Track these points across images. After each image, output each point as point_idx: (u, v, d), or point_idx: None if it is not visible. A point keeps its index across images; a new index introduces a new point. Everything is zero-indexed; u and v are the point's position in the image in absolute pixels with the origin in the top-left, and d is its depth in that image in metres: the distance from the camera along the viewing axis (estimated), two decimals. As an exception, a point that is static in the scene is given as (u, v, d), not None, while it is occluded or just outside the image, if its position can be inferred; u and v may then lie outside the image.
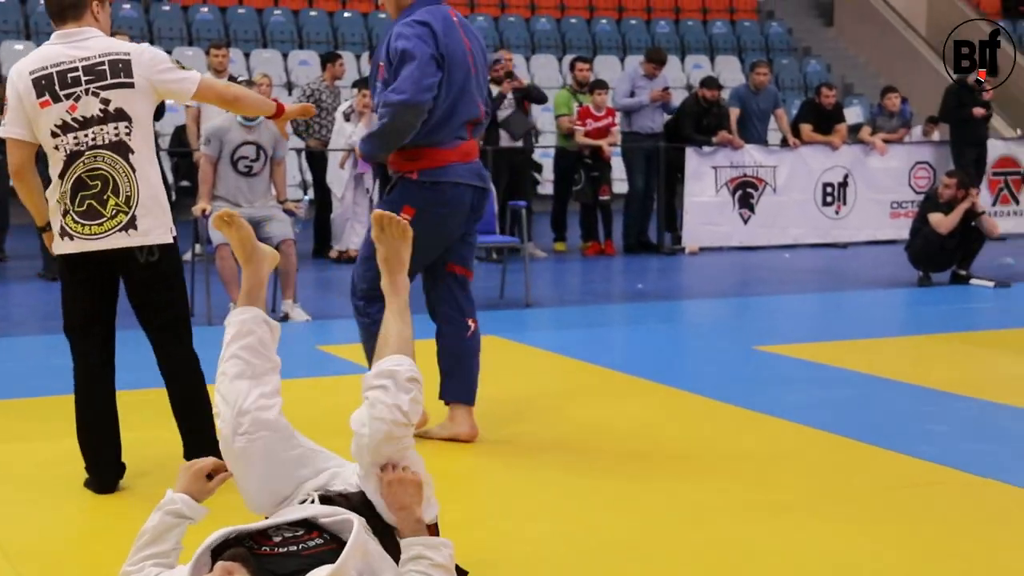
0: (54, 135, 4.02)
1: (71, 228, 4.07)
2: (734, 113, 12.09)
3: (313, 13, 17.28)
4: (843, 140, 12.61)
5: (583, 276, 10.65)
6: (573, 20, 18.97)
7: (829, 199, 12.51)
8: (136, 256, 4.11)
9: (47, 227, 4.17)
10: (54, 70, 4.02)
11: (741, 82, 14.13)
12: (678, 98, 12.90)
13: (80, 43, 4.07)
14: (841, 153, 12.51)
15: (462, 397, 4.90)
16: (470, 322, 4.91)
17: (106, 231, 4.06)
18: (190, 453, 4.03)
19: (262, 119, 7.77)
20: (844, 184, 12.54)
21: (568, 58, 17.62)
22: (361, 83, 11.16)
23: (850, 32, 20.44)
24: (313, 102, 10.80)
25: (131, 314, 4.28)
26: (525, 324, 8.12)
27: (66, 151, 4.03)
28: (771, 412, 5.38)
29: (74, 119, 4.02)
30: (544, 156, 13.22)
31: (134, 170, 4.07)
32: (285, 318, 7.77)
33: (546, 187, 13.52)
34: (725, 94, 12.69)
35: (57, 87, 4.01)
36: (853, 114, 15.60)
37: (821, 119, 12.55)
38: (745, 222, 12.13)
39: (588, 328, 7.97)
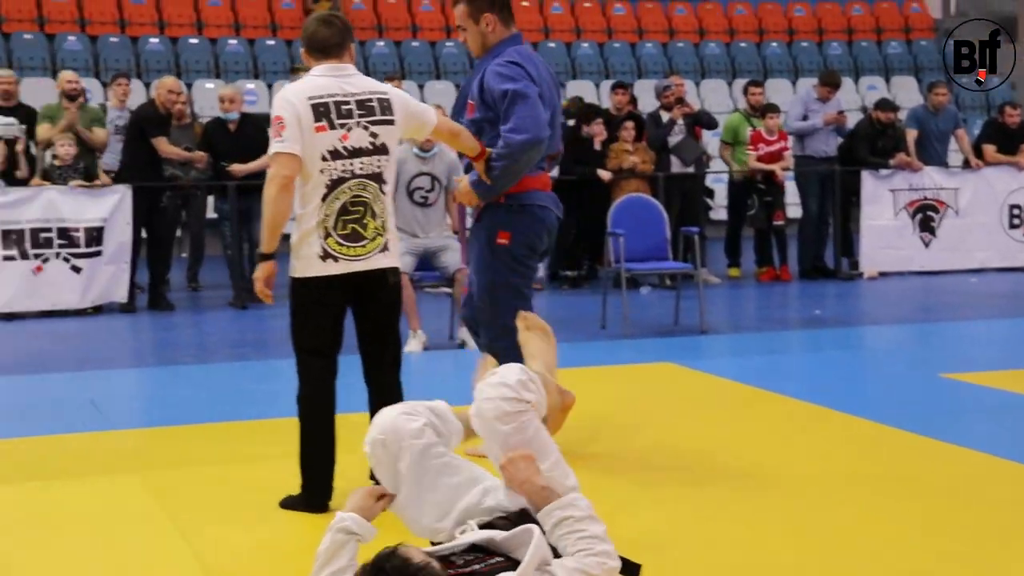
0: (323, 159, 4.23)
1: (335, 250, 4.26)
2: (911, 135, 11.79)
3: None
4: (1029, 160, 12.15)
5: (758, 302, 10.53)
6: (743, 44, 18.82)
7: (1016, 221, 12.06)
8: (388, 277, 4.36)
9: (273, 255, 4.31)
10: (330, 100, 4.26)
11: (918, 103, 13.78)
12: (852, 120, 12.65)
13: (348, 79, 4.34)
14: (1028, 174, 12.06)
15: None
16: None
17: (368, 252, 4.31)
18: None
19: (437, 150, 7.96)
20: (1032, 206, 12.08)
21: (739, 82, 17.53)
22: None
23: (1034, 48, 19.72)
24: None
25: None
26: (700, 351, 8.08)
27: (330, 176, 4.23)
28: (960, 442, 5.22)
29: (344, 148, 4.26)
30: (716, 182, 13.13)
31: (384, 199, 4.35)
32: (462, 345, 7.91)
33: (718, 212, 13.42)
34: (902, 115, 12.39)
35: (333, 116, 4.25)
36: (1039, 133, 15.02)
37: (1005, 139, 12.13)
38: (926, 246, 11.80)
39: (764, 355, 7.88)
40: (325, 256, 4.25)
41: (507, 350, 4.55)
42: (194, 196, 10.78)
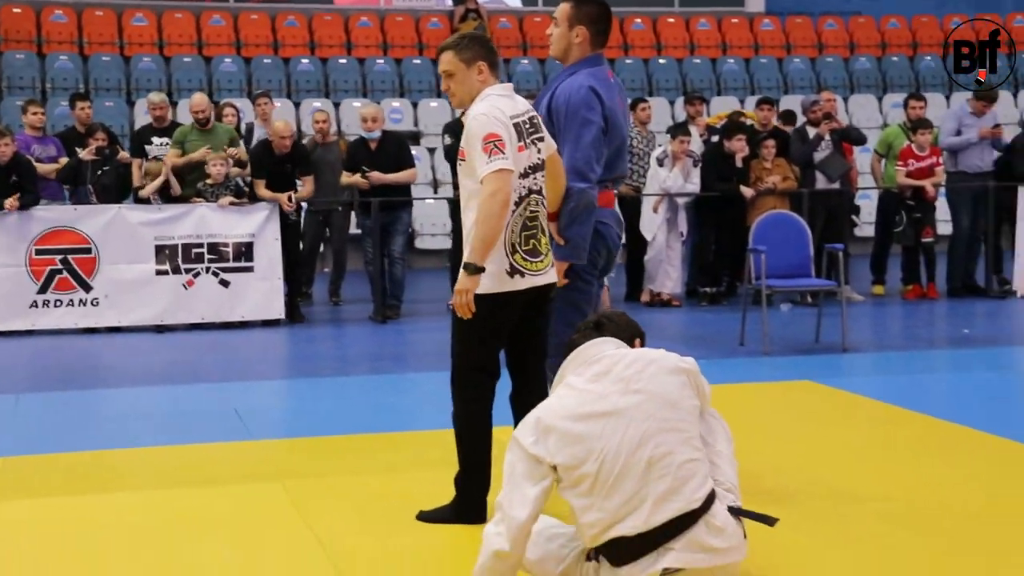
0: (520, 176, 4.31)
1: (522, 265, 4.33)
2: (1073, 149, 11.35)
3: (628, 61, 17.55)
4: None
5: (904, 320, 10.25)
6: (895, 58, 18.38)
7: None
8: (552, 290, 4.47)
9: (482, 269, 4.23)
10: (519, 120, 4.36)
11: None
12: (1009, 134, 12.24)
13: (515, 98, 4.44)
14: None
15: None
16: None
17: (545, 267, 4.41)
18: None
19: None
20: None
21: (890, 97, 17.13)
22: (676, 128, 11.23)
23: None
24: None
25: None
26: (842, 369, 7.91)
27: (519, 194, 4.31)
28: (1114, 468, 5.01)
29: (529, 165, 4.36)
30: (863, 198, 12.84)
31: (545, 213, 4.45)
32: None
33: (864, 229, 13.12)
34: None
35: (524, 135, 4.36)
36: None
37: None
38: (1086, 265, 11.33)
39: (910, 374, 7.67)
40: (513, 272, 4.30)
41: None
42: (336, 212, 11.03)
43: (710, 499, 3.41)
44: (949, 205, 11.49)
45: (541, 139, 4.43)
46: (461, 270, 4.22)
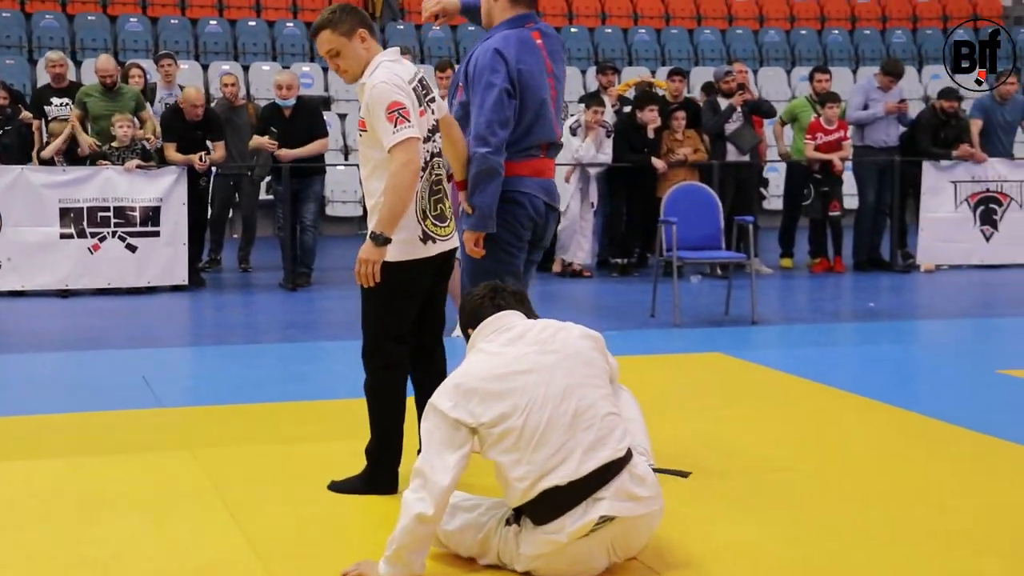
0: (424, 141, 4.24)
1: (432, 231, 4.30)
2: (976, 125, 11.60)
3: (574, 30, 17.50)
4: (1098, 152, 11.93)
5: (811, 293, 10.42)
6: (803, 31, 18.60)
7: (1083, 215, 11.84)
8: (455, 255, 4.45)
9: (389, 240, 4.16)
10: (414, 84, 4.28)
11: (984, 92, 13.54)
12: (914, 110, 12.47)
13: (403, 61, 4.35)
14: (1096, 165, 11.83)
15: None
16: None
17: (451, 232, 4.39)
18: None
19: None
20: (1099, 198, 11.85)
21: (798, 70, 17.34)
22: (589, 98, 11.25)
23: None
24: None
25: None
26: (751, 342, 8.01)
27: (423, 159, 4.24)
28: (1016, 439, 5.14)
29: (429, 129, 4.31)
30: (771, 170, 12.99)
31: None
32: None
33: (773, 202, 13.30)
34: (966, 105, 12.19)
35: (422, 99, 4.30)
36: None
37: (1072, 131, 11.91)
38: (987, 239, 11.62)
39: (816, 347, 7.80)
40: (425, 238, 4.28)
41: None
42: (245, 178, 10.87)
43: (630, 451, 3.49)
44: (855, 179, 11.68)
45: (433, 100, 4.39)
46: (367, 239, 4.16)
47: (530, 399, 3.43)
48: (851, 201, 12.12)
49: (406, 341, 4.37)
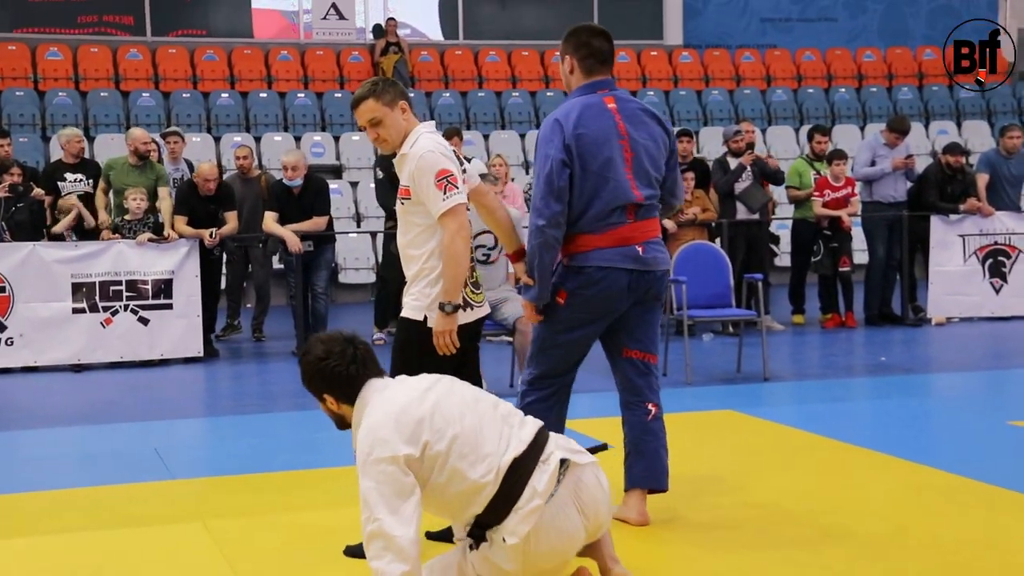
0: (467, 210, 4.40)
1: (470, 298, 4.43)
2: (982, 179, 11.64)
3: (550, 94, 17.68)
4: (1105, 204, 11.94)
5: (823, 349, 10.40)
6: (811, 90, 18.74)
7: (1088, 267, 11.83)
8: (482, 322, 4.56)
9: (459, 306, 4.32)
10: (453, 152, 4.44)
11: (991, 147, 13.60)
12: (921, 165, 12.52)
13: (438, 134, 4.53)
14: (1104, 218, 11.84)
15: (637, 482, 4.80)
16: (650, 406, 4.80)
17: (484, 299, 4.53)
18: None
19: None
20: (1106, 250, 11.85)
21: (807, 128, 17.43)
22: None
23: (1111, 91, 19.38)
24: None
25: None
26: (763, 398, 8.00)
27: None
28: (1027, 491, 5.12)
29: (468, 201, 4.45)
30: (781, 228, 13.04)
31: None
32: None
33: (783, 259, 13.32)
34: (973, 160, 12.23)
35: (460, 168, 4.42)
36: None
37: (1078, 183, 11.94)
38: (997, 292, 11.61)
39: (829, 402, 7.77)
40: (464, 305, 4.37)
41: (533, 403, 4.61)
42: (255, 247, 10.94)
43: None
44: (865, 234, 11.71)
45: (464, 171, 4.47)
46: (437, 311, 4.29)
47: (450, 409, 3.62)
48: (861, 256, 12.13)
49: None
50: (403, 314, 4.45)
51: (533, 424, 3.77)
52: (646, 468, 4.78)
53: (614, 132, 4.64)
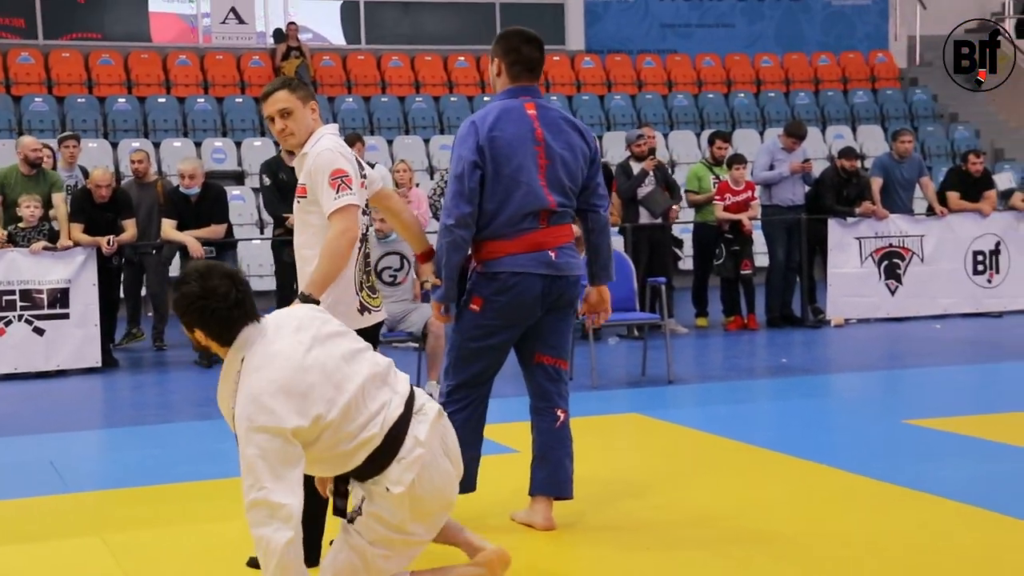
0: (362, 213, 4.33)
1: (367, 302, 4.38)
2: (876, 183, 11.90)
3: (454, 99, 17.67)
4: (993, 207, 12.29)
5: (726, 351, 10.54)
6: (711, 95, 19.00)
7: (980, 268, 12.17)
8: (379, 329, 4.52)
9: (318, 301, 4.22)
10: (353, 156, 4.38)
11: (884, 151, 13.92)
12: (819, 168, 12.76)
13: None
14: (992, 220, 12.18)
15: (542, 489, 4.81)
16: (559, 412, 4.82)
17: (380, 304, 4.47)
18: None
19: (395, 236, 7.99)
20: (996, 252, 12.19)
21: (708, 133, 17.67)
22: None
23: (1000, 97, 19.94)
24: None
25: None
26: (667, 401, 8.08)
27: (360, 231, 4.31)
28: (923, 488, 5.23)
29: (365, 202, 4.41)
30: (683, 232, 13.19)
31: None
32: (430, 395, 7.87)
33: (686, 263, 13.47)
34: (868, 164, 12.50)
35: (358, 172, 4.35)
36: (1004, 180, 15.21)
37: (969, 186, 12.26)
38: (892, 293, 11.88)
39: (732, 404, 7.88)
40: (362, 309, 4.34)
41: (453, 414, 4.54)
42: (149, 255, 10.73)
43: None
44: (765, 238, 11.89)
45: (366, 175, 4.44)
46: (296, 301, 4.15)
47: (336, 372, 3.55)
48: (762, 259, 12.32)
49: None
50: None
51: (403, 376, 3.80)
52: (550, 475, 4.80)
53: (530, 138, 4.64)
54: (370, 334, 4.38)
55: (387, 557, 3.63)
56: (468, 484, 4.63)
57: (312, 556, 4.19)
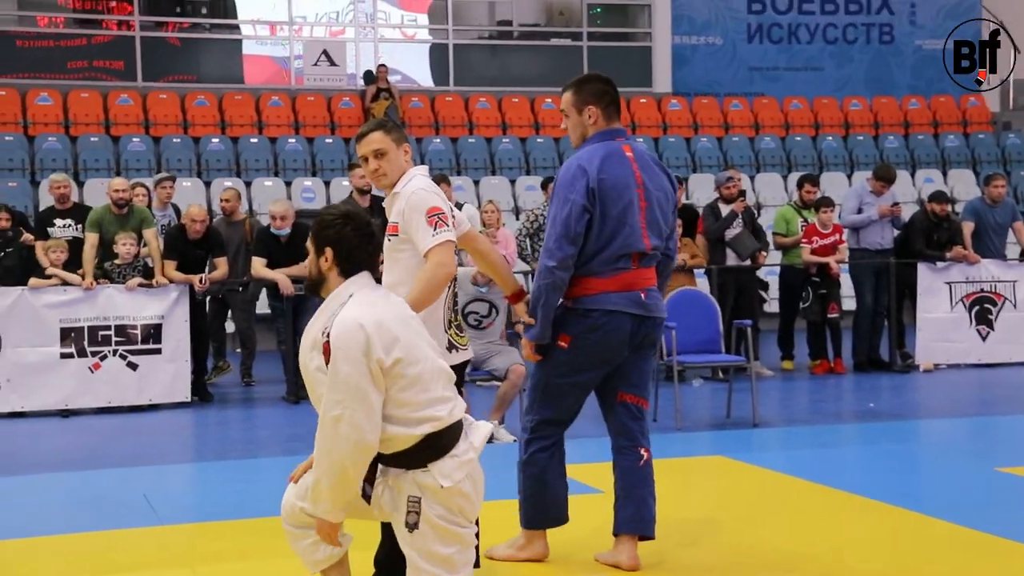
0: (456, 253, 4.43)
1: (456, 340, 4.45)
2: (968, 227, 11.73)
3: (540, 140, 17.78)
4: (1087, 251, 12.03)
5: (812, 395, 10.42)
6: (798, 138, 18.89)
7: (1074, 314, 11.89)
8: (465, 368, 4.59)
9: None
10: (443, 196, 4.47)
11: (976, 195, 13.71)
12: (908, 212, 12.61)
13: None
14: (1086, 266, 11.92)
15: (627, 528, 4.81)
16: (642, 451, 4.83)
17: (466, 344, 4.54)
18: None
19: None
20: (1091, 298, 11.91)
21: (795, 175, 17.57)
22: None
23: (1095, 139, 19.55)
24: (538, 227, 11.04)
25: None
26: (752, 444, 8.01)
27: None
28: (1016, 538, 5.12)
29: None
30: (770, 274, 13.10)
31: None
32: (490, 440, 7.89)
33: (772, 305, 13.36)
34: (959, 208, 12.32)
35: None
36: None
37: (1063, 231, 12.03)
38: (983, 338, 11.66)
39: (818, 448, 7.79)
40: (450, 347, 4.41)
41: (537, 452, 4.61)
42: (235, 292, 10.92)
43: None
44: (852, 281, 11.76)
45: (454, 216, 4.50)
46: None
47: (418, 347, 3.77)
48: (849, 303, 12.18)
49: None
50: None
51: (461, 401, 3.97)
52: (635, 514, 4.79)
53: (632, 180, 4.72)
54: (457, 371, 4.43)
55: (461, 551, 3.80)
56: (561, 517, 4.87)
57: None
